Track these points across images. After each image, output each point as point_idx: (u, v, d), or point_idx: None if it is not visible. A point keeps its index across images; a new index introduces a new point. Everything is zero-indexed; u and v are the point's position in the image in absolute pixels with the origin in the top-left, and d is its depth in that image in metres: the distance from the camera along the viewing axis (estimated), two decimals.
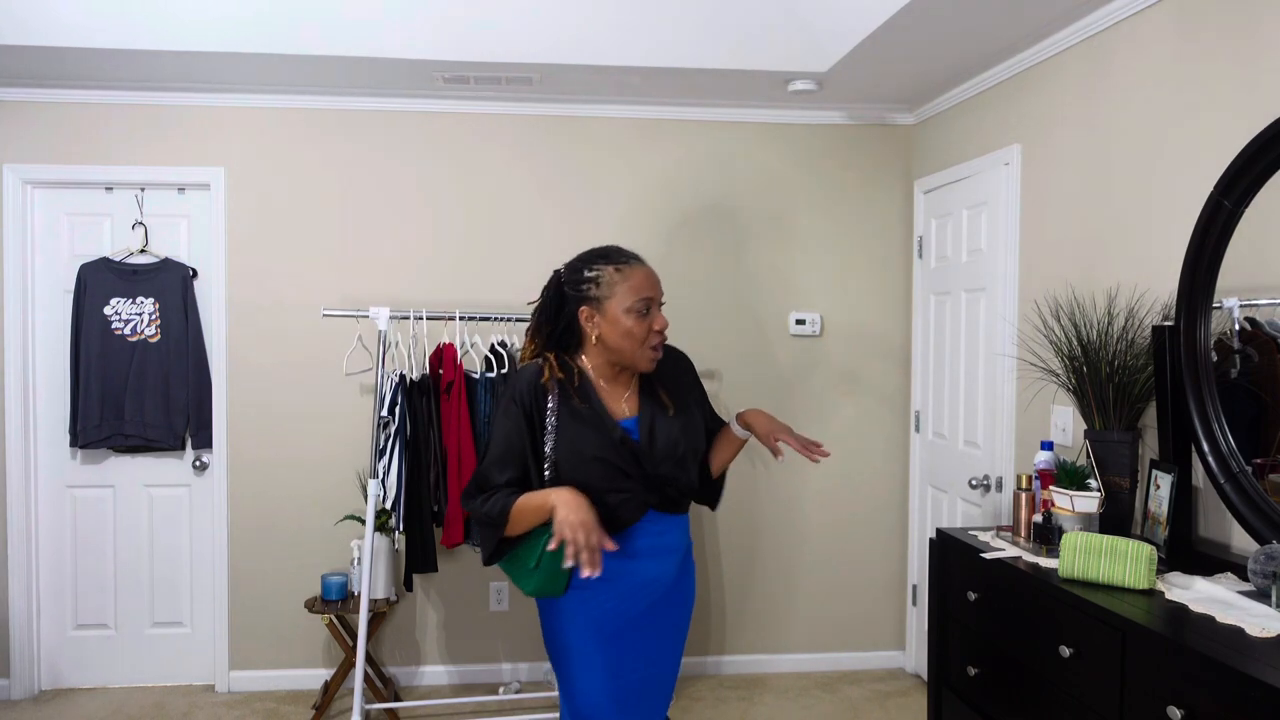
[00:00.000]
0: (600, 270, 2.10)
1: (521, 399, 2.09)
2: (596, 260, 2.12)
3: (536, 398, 2.08)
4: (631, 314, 2.07)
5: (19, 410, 3.86)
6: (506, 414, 2.10)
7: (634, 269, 2.11)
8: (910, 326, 4.25)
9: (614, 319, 2.07)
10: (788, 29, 3.48)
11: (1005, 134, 3.43)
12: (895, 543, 4.30)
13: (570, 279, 2.13)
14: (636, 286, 2.08)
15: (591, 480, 2.04)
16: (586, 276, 2.11)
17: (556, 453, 2.06)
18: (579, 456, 2.05)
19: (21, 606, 3.89)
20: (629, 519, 2.09)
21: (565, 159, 4.07)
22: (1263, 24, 2.27)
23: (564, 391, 2.09)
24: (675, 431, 2.14)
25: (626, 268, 2.11)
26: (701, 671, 4.22)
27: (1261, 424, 2.25)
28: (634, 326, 2.07)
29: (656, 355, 2.13)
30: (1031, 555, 2.45)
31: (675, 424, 2.15)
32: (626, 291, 2.07)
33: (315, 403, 3.96)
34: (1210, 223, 2.26)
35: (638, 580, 2.14)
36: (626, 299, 2.07)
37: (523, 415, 2.07)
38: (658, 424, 2.13)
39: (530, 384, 2.10)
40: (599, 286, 2.08)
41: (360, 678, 3.41)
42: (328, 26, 3.37)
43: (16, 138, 3.84)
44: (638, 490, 2.09)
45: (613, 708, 2.11)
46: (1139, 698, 1.89)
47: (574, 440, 2.06)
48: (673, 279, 4.12)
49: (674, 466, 2.14)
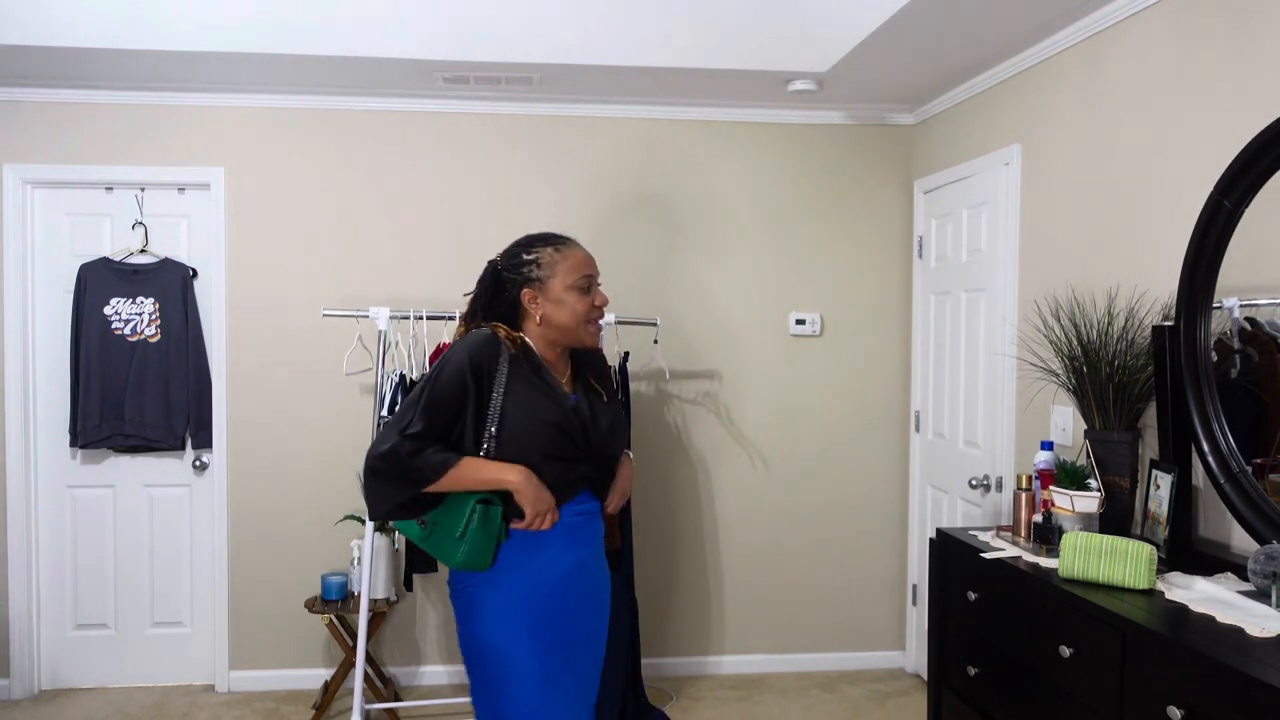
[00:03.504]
0: (540, 252, 2.15)
1: (474, 357, 2.06)
2: (535, 243, 2.18)
3: (490, 359, 2.08)
4: (574, 291, 2.12)
5: (19, 410, 3.86)
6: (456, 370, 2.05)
7: (572, 248, 2.18)
8: (910, 326, 4.25)
9: (557, 298, 2.12)
10: (788, 29, 3.48)
11: (1005, 134, 3.43)
12: (895, 543, 4.30)
13: (509, 264, 2.17)
14: (577, 264, 2.14)
15: (540, 446, 2.06)
16: (526, 259, 2.15)
17: (505, 415, 2.05)
18: (534, 420, 2.06)
19: (21, 606, 3.89)
20: (569, 492, 2.12)
21: (565, 159, 4.07)
22: (1262, 24, 2.27)
23: (515, 358, 2.11)
24: (611, 414, 2.22)
25: (565, 247, 2.17)
26: (701, 671, 4.22)
27: (1261, 424, 2.25)
28: (576, 303, 2.12)
29: (598, 331, 2.21)
30: (1031, 555, 2.45)
31: (610, 408, 2.24)
32: (568, 270, 2.13)
33: (315, 403, 3.96)
34: (1210, 223, 2.27)
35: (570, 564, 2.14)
36: (569, 276, 2.12)
37: (471, 374, 2.05)
38: (595, 403, 2.20)
39: (485, 344, 2.09)
40: (540, 267, 2.13)
41: (360, 678, 3.41)
42: (328, 26, 3.37)
43: (16, 138, 3.84)
44: (582, 462, 2.12)
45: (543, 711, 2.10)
46: (1139, 698, 1.89)
47: (530, 404, 2.07)
48: (672, 278, 4.14)
49: (612, 446, 2.21)
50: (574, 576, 2.15)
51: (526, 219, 4.05)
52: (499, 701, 2.11)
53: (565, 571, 2.13)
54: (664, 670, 4.17)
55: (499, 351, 2.10)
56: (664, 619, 4.19)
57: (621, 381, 3.67)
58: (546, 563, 2.11)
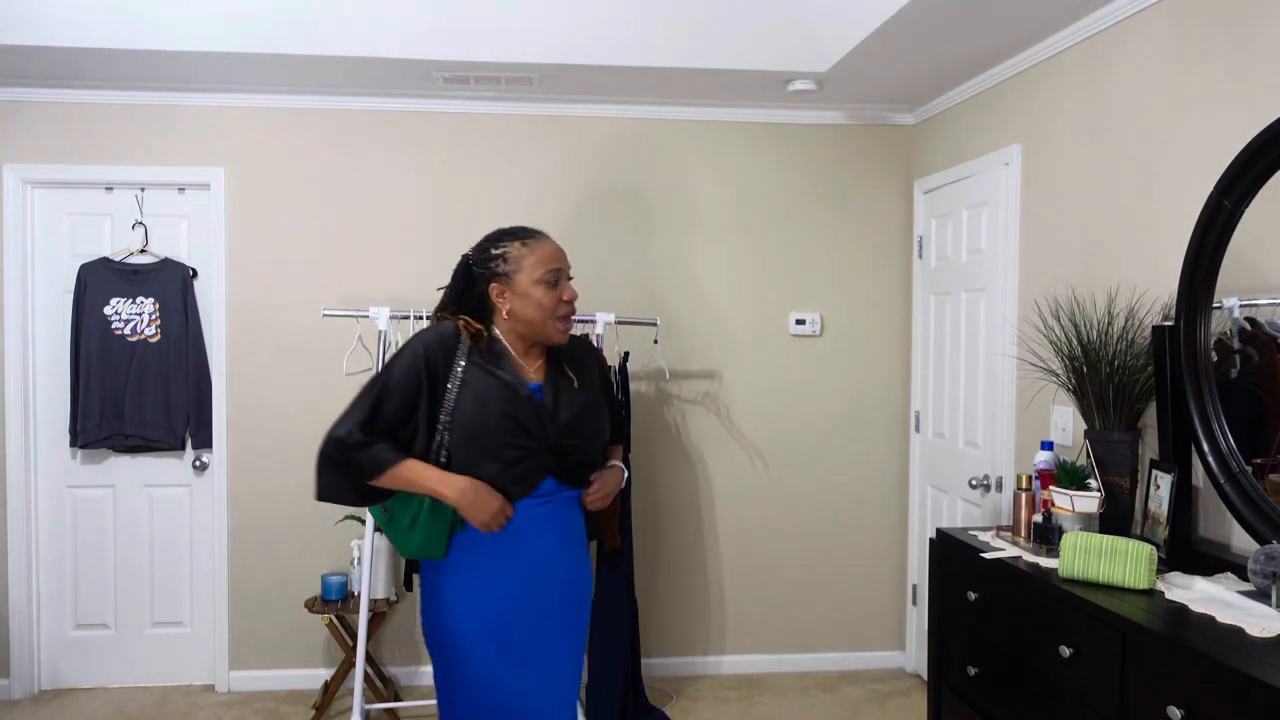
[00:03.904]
0: (507, 246, 2.15)
1: (429, 349, 2.09)
2: (503, 238, 2.17)
3: (446, 351, 2.10)
4: (541, 285, 2.11)
5: (19, 410, 3.86)
6: (410, 361, 2.07)
7: (540, 242, 2.16)
8: (910, 326, 4.25)
9: (524, 292, 2.12)
10: (788, 29, 3.48)
11: (1005, 134, 3.43)
12: (895, 543, 4.30)
13: (479, 259, 2.18)
14: (544, 258, 2.13)
15: (493, 436, 2.05)
16: (494, 254, 2.15)
17: (458, 405, 2.06)
18: (485, 410, 2.06)
19: (21, 606, 3.89)
20: (529, 482, 2.10)
21: (565, 158, 4.07)
22: (1262, 24, 2.27)
23: (474, 350, 2.12)
24: (579, 402, 2.17)
25: (533, 241, 2.16)
26: (701, 671, 4.22)
27: (1261, 424, 2.25)
28: (543, 298, 2.11)
29: (567, 326, 2.17)
30: (1031, 555, 2.45)
31: (580, 395, 2.18)
32: (535, 264, 2.12)
33: (315, 403, 3.95)
34: (1210, 223, 2.26)
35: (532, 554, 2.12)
36: (535, 271, 2.12)
37: (425, 364, 2.07)
38: (562, 392, 2.16)
39: (442, 336, 2.12)
40: (507, 262, 2.13)
41: (360, 678, 3.41)
42: (327, 26, 3.37)
43: (16, 138, 3.84)
44: (537, 452, 2.09)
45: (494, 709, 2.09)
46: (1139, 698, 1.89)
47: (483, 395, 2.07)
48: (672, 278, 4.14)
49: (576, 435, 2.15)
50: (538, 567, 2.13)
51: (526, 218, 4.03)
52: (450, 695, 2.13)
53: (528, 562, 2.11)
54: (664, 670, 4.17)
55: (455, 343, 2.11)
56: (664, 619, 4.19)
57: (621, 381, 3.67)
58: (505, 554, 2.10)
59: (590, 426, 2.20)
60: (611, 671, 3.58)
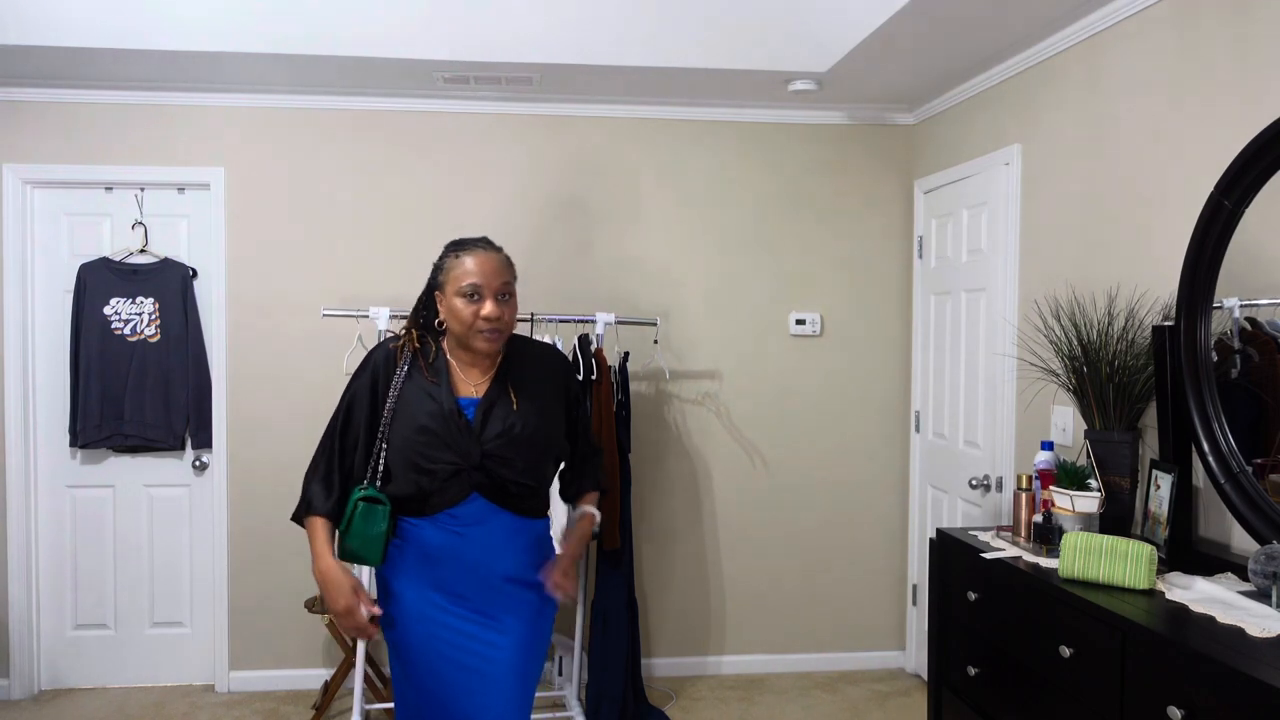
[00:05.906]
0: (446, 256, 2.22)
1: (374, 365, 2.22)
2: (448, 248, 2.24)
3: (388, 365, 2.21)
4: (461, 298, 2.15)
5: (19, 410, 3.86)
6: (357, 378, 2.23)
7: (469, 254, 2.18)
8: (910, 326, 4.25)
9: (449, 303, 2.17)
10: (788, 29, 3.48)
11: (1005, 134, 3.43)
12: (895, 543, 4.30)
13: (434, 266, 2.26)
14: (465, 272, 2.16)
15: (415, 449, 2.12)
16: (436, 264, 2.24)
17: (394, 417, 2.16)
18: (409, 423, 2.13)
19: (21, 606, 3.89)
20: (453, 497, 2.12)
21: (565, 159, 4.07)
22: (1262, 24, 2.27)
23: (415, 364, 2.21)
24: (513, 418, 2.17)
25: (464, 254, 2.18)
26: (701, 671, 4.22)
27: (1261, 424, 2.25)
28: (462, 309, 2.15)
29: (490, 341, 2.17)
30: (1032, 555, 2.45)
31: (517, 414, 2.18)
32: (458, 276, 2.16)
33: (315, 403, 3.94)
34: (1210, 223, 2.27)
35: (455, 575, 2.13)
36: (457, 283, 2.16)
37: (370, 382, 2.20)
38: (497, 408, 2.17)
39: (385, 352, 2.24)
40: (442, 271, 2.20)
41: (360, 678, 3.41)
42: (328, 27, 3.37)
43: (16, 138, 3.83)
44: (458, 465, 2.11)
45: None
46: (1139, 698, 1.89)
47: (409, 406, 2.15)
48: (671, 278, 4.14)
49: (505, 448, 2.14)
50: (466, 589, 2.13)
51: (527, 218, 4.06)
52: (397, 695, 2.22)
53: (451, 581, 2.13)
54: (664, 670, 4.17)
55: (393, 355, 2.22)
56: (664, 619, 4.19)
57: (621, 381, 3.67)
58: (430, 573, 2.14)
59: (523, 445, 2.16)
60: (611, 672, 3.58)
